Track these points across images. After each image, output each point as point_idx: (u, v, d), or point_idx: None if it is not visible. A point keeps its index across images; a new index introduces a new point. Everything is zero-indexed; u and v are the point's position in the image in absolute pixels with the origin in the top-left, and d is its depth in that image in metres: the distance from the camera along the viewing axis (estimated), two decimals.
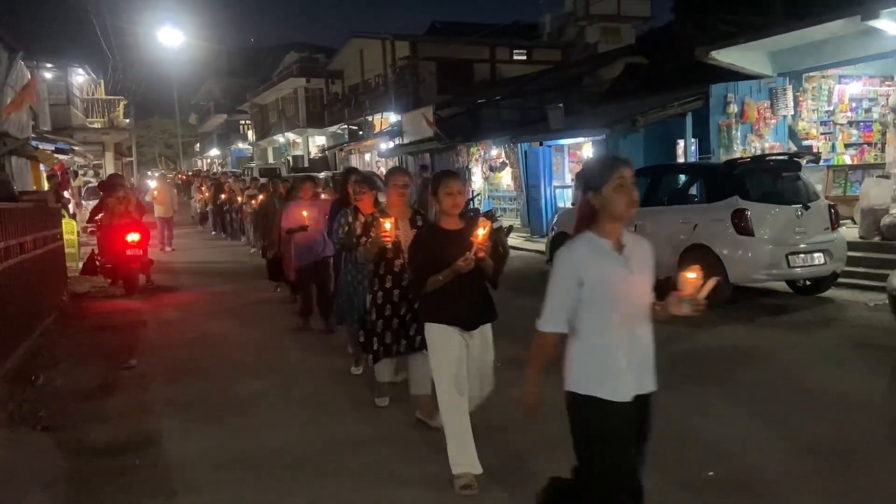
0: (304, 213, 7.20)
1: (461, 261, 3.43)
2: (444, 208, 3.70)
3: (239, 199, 16.56)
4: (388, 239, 4.16)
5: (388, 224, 4.12)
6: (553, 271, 2.53)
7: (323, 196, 8.99)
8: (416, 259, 3.71)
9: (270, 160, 41.10)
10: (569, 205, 13.85)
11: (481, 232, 3.43)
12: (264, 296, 9.83)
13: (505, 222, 13.33)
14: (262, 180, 16.36)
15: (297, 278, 7.88)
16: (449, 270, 3.49)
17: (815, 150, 12.05)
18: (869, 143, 12.97)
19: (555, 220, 11.42)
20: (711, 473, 3.76)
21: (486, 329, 3.78)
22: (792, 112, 12.38)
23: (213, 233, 19.74)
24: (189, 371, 6.23)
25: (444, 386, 3.64)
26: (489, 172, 18.91)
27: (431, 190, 3.71)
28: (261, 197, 11.84)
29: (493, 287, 3.73)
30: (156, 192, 16.95)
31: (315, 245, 7.36)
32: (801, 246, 7.79)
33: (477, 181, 19.19)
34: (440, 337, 3.66)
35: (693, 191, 9.51)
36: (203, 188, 22.17)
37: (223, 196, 18.47)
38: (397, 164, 19.93)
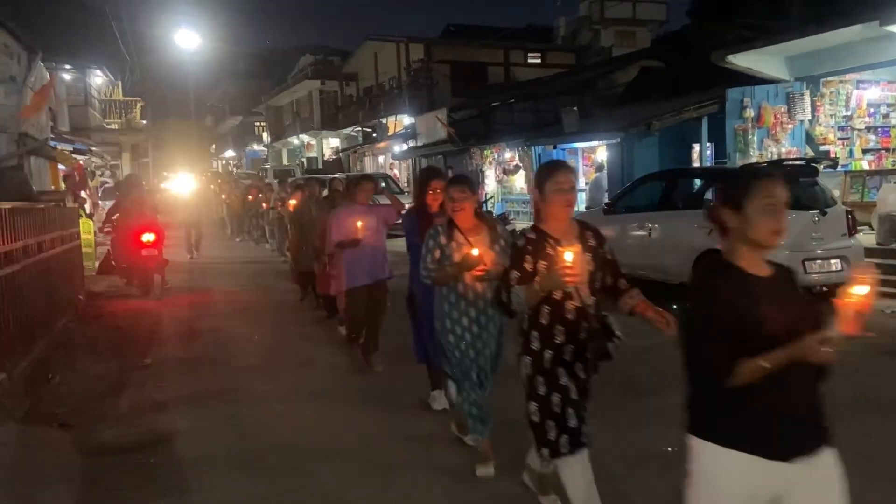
0: (358, 224, 5.81)
1: (815, 339, 1.88)
2: (760, 236, 2.06)
3: (264, 205, 15.83)
4: (573, 278, 2.74)
5: (569, 254, 2.71)
6: None
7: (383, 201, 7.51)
8: (710, 323, 1.99)
9: (285, 162, 41.31)
10: (583, 208, 13.81)
11: (861, 291, 1.84)
12: (282, 297, 9.86)
13: (518, 225, 13.33)
14: (299, 180, 15.04)
15: (347, 304, 6.24)
16: (784, 354, 1.91)
17: (832, 156, 11.98)
18: (887, 149, 12.85)
19: None
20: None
21: (825, 464, 2.09)
22: (809, 117, 12.30)
23: (238, 239, 19.28)
24: (203, 370, 6.28)
25: None
26: (503, 175, 18.90)
27: (730, 202, 2.16)
28: (292, 201, 10.33)
29: (820, 380, 2.11)
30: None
31: (374, 261, 5.99)
32: (818, 252, 7.72)
33: (490, 184, 19.21)
34: (725, 471, 2.02)
35: (708, 195, 9.45)
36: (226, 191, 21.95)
37: (249, 198, 18.14)
38: (556, 158, 14.39)
